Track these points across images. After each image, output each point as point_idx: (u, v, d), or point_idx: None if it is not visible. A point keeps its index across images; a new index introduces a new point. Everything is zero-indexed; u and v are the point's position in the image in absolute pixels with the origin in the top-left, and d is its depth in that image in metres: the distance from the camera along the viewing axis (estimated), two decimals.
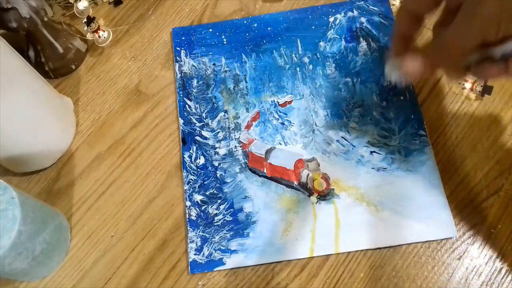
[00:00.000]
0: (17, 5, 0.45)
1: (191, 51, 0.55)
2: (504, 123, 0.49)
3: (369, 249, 0.45)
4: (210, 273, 0.45)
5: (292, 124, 0.50)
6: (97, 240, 0.48)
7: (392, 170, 0.47)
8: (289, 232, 0.46)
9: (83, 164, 0.51)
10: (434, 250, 0.45)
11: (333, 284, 0.44)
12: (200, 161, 0.49)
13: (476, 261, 0.44)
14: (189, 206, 0.47)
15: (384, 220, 0.45)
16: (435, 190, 0.46)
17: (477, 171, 0.47)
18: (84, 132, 0.53)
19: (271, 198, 0.47)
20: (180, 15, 0.58)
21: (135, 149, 0.51)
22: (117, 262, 0.46)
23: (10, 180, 0.51)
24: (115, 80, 0.55)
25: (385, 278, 0.44)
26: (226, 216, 0.47)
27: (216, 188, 0.48)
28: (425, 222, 0.45)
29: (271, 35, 0.55)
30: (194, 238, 0.46)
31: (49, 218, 0.44)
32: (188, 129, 0.51)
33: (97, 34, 0.54)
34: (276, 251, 0.45)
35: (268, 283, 0.45)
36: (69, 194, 0.50)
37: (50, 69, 0.54)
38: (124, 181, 0.50)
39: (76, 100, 0.54)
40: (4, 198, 0.39)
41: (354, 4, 0.55)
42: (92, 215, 0.49)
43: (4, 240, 0.38)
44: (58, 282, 0.46)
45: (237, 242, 0.46)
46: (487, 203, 0.46)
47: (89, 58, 0.57)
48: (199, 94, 0.53)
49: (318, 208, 0.46)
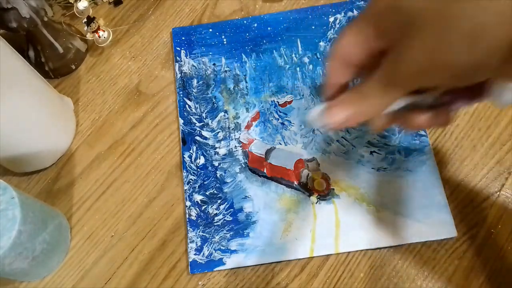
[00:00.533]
0: (17, 5, 0.45)
1: (191, 51, 0.55)
2: (504, 123, 0.49)
3: (369, 249, 0.45)
4: (210, 273, 0.45)
5: (292, 124, 0.50)
6: (97, 240, 0.48)
7: (392, 170, 0.47)
8: (289, 232, 0.46)
9: (83, 164, 0.51)
10: (434, 250, 0.45)
11: (333, 284, 0.44)
12: (200, 161, 0.49)
13: (476, 261, 0.44)
14: (189, 206, 0.47)
15: (384, 220, 0.45)
16: (435, 190, 0.46)
17: (477, 171, 0.47)
18: (84, 132, 0.53)
19: (271, 198, 0.47)
20: (180, 15, 0.58)
21: (135, 149, 0.51)
22: (117, 262, 0.46)
23: (10, 180, 0.51)
24: (115, 80, 0.55)
25: (385, 278, 0.44)
26: (226, 216, 0.47)
27: (216, 188, 0.48)
28: (425, 222, 0.45)
29: (271, 35, 0.55)
30: (194, 238, 0.46)
31: (49, 218, 0.44)
32: (188, 129, 0.51)
33: (97, 34, 0.54)
34: (276, 251, 0.45)
35: (268, 283, 0.45)
36: (69, 194, 0.50)
37: (50, 69, 0.54)
38: (124, 181, 0.50)
39: (76, 100, 0.54)
40: (4, 198, 0.39)
41: (354, 4, 0.55)
42: (92, 215, 0.49)
43: (4, 240, 0.38)
44: (58, 282, 0.46)
45: (237, 242, 0.46)
46: (487, 203, 0.46)
47: (89, 58, 0.57)
48: (199, 94, 0.53)
49: (318, 208, 0.46)
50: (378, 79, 0.27)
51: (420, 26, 0.24)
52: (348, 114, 0.29)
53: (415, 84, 0.26)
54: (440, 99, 0.28)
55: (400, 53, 0.25)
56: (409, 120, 0.29)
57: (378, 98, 0.27)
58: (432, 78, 0.25)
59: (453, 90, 0.27)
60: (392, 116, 0.30)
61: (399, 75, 0.25)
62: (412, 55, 0.24)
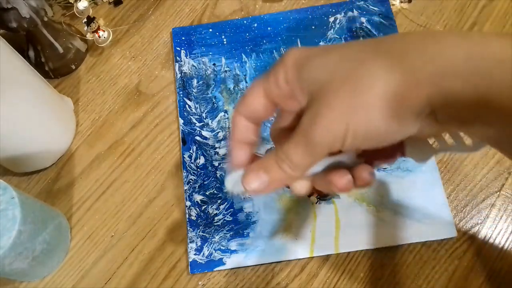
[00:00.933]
0: (17, 5, 0.45)
1: (191, 51, 0.55)
2: None
3: (369, 249, 0.45)
4: (210, 273, 0.45)
5: None
6: (97, 240, 0.48)
7: (392, 170, 0.47)
8: (289, 232, 0.46)
9: (83, 164, 0.51)
10: (434, 250, 0.45)
11: (333, 284, 0.44)
12: (200, 161, 0.49)
13: (476, 261, 0.44)
14: (189, 206, 0.47)
15: (384, 220, 0.45)
16: (435, 190, 0.46)
17: (477, 171, 0.47)
18: (84, 132, 0.53)
19: (271, 198, 0.47)
20: (180, 15, 0.58)
21: (135, 149, 0.51)
22: (117, 262, 0.46)
23: (10, 180, 0.51)
24: (115, 80, 0.55)
25: (385, 278, 0.44)
26: (226, 216, 0.47)
27: (216, 188, 0.48)
28: (425, 222, 0.45)
29: (271, 35, 0.55)
30: (194, 238, 0.46)
31: (49, 218, 0.44)
32: (188, 129, 0.51)
33: (97, 34, 0.54)
34: (276, 251, 0.45)
35: (268, 283, 0.45)
36: (69, 194, 0.50)
37: (50, 69, 0.54)
38: (124, 181, 0.50)
39: (76, 100, 0.54)
40: (4, 198, 0.39)
41: (354, 4, 0.55)
42: (92, 215, 0.49)
43: (4, 240, 0.38)
44: (58, 282, 0.46)
45: (237, 242, 0.46)
46: (487, 203, 0.46)
47: (89, 58, 0.57)
48: (199, 94, 0.53)
49: (318, 208, 0.46)
50: (294, 145, 0.25)
51: (328, 94, 0.24)
52: (264, 181, 0.27)
53: (333, 149, 0.25)
54: (359, 159, 0.28)
55: (314, 119, 0.24)
56: (332, 183, 0.27)
57: (295, 163, 0.25)
58: (348, 143, 0.24)
59: (371, 150, 0.26)
60: (313, 179, 0.28)
61: (316, 142, 0.24)
62: (326, 122, 0.24)
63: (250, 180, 0.27)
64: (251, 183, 0.27)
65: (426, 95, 0.22)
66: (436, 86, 0.22)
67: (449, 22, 0.54)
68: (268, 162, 0.27)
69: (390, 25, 0.54)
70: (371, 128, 0.23)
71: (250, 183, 0.27)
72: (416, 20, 0.55)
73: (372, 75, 0.23)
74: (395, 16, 0.55)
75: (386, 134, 0.24)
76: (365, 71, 0.23)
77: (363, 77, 0.23)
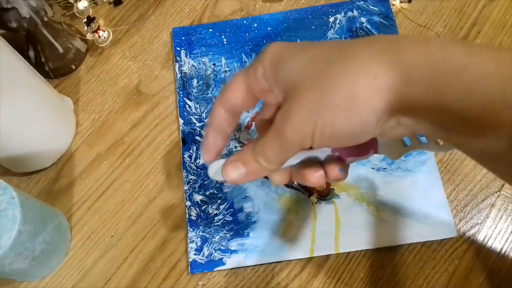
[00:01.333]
0: (17, 5, 0.45)
1: (191, 51, 0.55)
2: None
3: (369, 249, 0.45)
4: (210, 273, 0.45)
5: None
6: (97, 240, 0.48)
7: (392, 170, 0.47)
8: (289, 232, 0.46)
9: (83, 164, 0.51)
10: (434, 250, 0.45)
11: (333, 284, 0.44)
12: (200, 161, 0.49)
13: (476, 261, 0.44)
14: (189, 206, 0.47)
15: (384, 220, 0.45)
16: (435, 190, 0.46)
17: (477, 171, 0.47)
18: (84, 132, 0.53)
19: (271, 198, 0.47)
20: (180, 15, 0.58)
21: (135, 149, 0.51)
22: (117, 262, 0.46)
23: (10, 180, 0.51)
24: (115, 80, 0.55)
25: (385, 278, 0.44)
26: (226, 216, 0.47)
27: (216, 188, 0.48)
28: (425, 222, 0.45)
29: (271, 35, 0.55)
30: (194, 238, 0.46)
31: (49, 218, 0.44)
32: (188, 129, 0.51)
33: (97, 34, 0.54)
34: (276, 251, 0.45)
35: (268, 283, 0.45)
36: (69, 194, 0.50)
37: (50, 69, 0.54)
38: (124, 181, 0.50)
39: (76, 100, 0.54)
40: (4, 198, 0.39)
41: (354, 4, 0.55)
42: (92, 215, 0.49)
43: (4, 240, 0.38)
44: (58, 282, 0.46)
45: (237, 242, 0.46)
46: (487, 203, 0.46)
47: (89, 58, 0.57)
48: (199, 94, 0.53)
49: (318, 208, 0.46)
50: (269, 140, 0.27)
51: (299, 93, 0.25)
52: (242, 173, 0.28)
53: (304, 146, 0.26)
54: (333, 154, 0.29)
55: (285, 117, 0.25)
56: (305, 177, 0.29)
57: (270, 157, 0.27)
58: (317, 141, 0.25)
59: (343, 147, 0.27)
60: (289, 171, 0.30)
61: (287, 138, 0.26)
62: (296, 120, 0.25)
63: (229, 171, 0.29)
64: (230, 174, 0.29)
65: (386, 101, 0.23)
66: (396, 93, 0.23)
67: (449, 22, 0.54)
68: (246, 155, 0.28)
69: (390, 25, 0.54)
70: (336, 128, 0.24)
71: (229, 174, 0.29)
72: (416, 20, 0.55)
73: (338, 77, 0.24)
74: (395, 16, 0.55)
75: (351, 134, 0.25)
76: (333, 73, 0.24)
77: (331, 78, 0.24)
